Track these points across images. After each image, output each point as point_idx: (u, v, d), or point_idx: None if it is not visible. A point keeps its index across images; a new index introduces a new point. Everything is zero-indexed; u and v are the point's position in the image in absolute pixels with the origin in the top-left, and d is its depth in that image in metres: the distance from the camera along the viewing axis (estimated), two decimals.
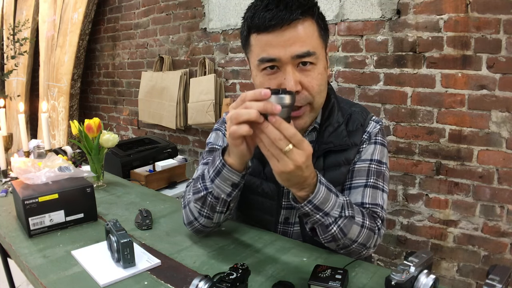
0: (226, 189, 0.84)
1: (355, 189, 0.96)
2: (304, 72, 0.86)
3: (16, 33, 3.57)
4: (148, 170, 2.30)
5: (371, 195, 0.95)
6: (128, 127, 3.51)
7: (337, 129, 0.96)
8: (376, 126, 1.00)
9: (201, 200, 0.88)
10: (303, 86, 0.86)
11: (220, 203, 0.87)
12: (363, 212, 0.89)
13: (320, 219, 0.82)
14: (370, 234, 0.88)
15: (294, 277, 0.81)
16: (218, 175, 0.83)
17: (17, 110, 3.18)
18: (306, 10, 0.83)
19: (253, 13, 0.85)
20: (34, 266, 0.87)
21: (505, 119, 1.65)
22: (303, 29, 0.83)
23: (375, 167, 0.97)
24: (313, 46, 0.85)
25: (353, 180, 0.97)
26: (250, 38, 0.88)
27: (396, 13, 1.85)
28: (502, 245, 1.73)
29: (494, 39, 1.62)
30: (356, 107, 1.03)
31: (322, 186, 0.80)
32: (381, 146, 1.00)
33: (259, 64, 0.87)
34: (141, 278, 0.82)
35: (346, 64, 2.05)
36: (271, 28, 0.82)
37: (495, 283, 0.62)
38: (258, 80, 0.90)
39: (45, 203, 1.02)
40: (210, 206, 0.88)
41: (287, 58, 0.83)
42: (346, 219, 0.83)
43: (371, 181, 0.96)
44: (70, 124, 1.46)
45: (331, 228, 0.83)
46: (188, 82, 2.80)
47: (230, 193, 0.85)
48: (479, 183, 1.75)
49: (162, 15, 2.97)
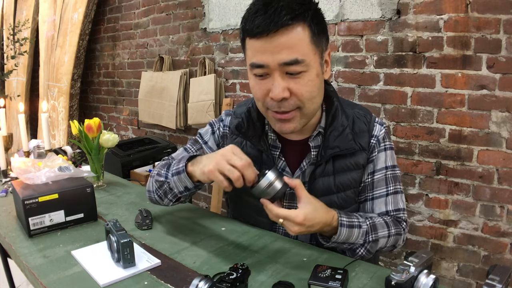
0: (179, 187, 0.93)
1: (378, 199, 1.01)
2: (293, 79, 0.84)
3: (16, 33, 3.57)
4: (148, 170, 2.31)
5: (393, 201, 1.01)
6: (128, 127, 3.51)
7: (342, 133, 0.96)
8: (381, 129, 1.01)
9: (159, 183, 0.99)
10: (292, 93, 0.85)
11: (172, 194, 0.97)
12: (387, 223, 0.96)
13: (347, 247, 0.92)
14: (397, 237, 0.98)
15: (294, 277, 0.81)
16: (177, 175, 0.92)
17: (17, 110, 3.18)
18: (296, 15, 0.81)
19: (247, 17, 0.85)
20: (34, 266, 0.87)
21: (505, 119, 1.65)
22: (292, 35, 0.81)
23: (391, 173, 1.01)
24: (302, 53, 0.82)
25: (374, 191, 1.01)
26: (245, 42, 0.88)
27: (396, 13, 1.85)
28: (502, 245, 1.73)
29: (494, 39, 1.62)
30: (359, 109, 1.03)
31: (344, 228, 0.88)
32: (391, 150, 1.02)
33: (251, 68, 0.88)
34: (141, 278, 0.82)
35: (346, 64, 2.05)
36: (259, 35, 0.82)
37: (495, 283, 0.62)
38: (251, 83, 0.92)
39: (45, 203, 1.02)
40: (164, 192, 0.98)
41: (274, 65, 0.83)
42: (371, 243, 0.93)
43: (391, 189, 1.01)
44: (70, 124, 1.46)
45: (358, 251, 0.93)
46: (188, 82, 2.80)
47: (181, 191, 0.94)
48: (479, 183, 1.75)
49: (162, 15, 2.97)
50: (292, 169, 1.00)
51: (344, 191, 0.98)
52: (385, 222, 0.96)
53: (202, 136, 1.12)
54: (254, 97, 0.94)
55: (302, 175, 0.99)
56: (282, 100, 0.85)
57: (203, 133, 1.13)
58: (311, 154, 0.97)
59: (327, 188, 0.97)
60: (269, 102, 0.88)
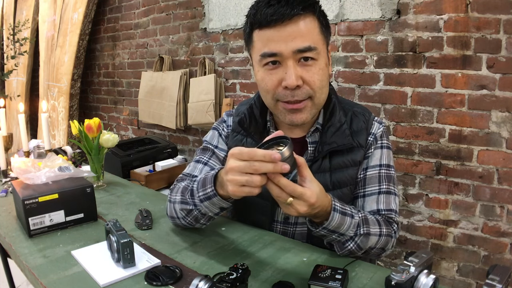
0: (214, 210, 0.88)
1: (369, 196, 0.98)
2: (305, 67, 0.87)
3: (16, 33, 3.57)
4: (148, 170, 2.31)
5: (385, 201, 0.97)
6: (128, 127, 3.51)
7: (339, 129, 0.97)
8: (380, 127, 1.01)
9: (187, 211, 0.93)
10: (304, 81, 0.87)
11: (205, 218, 0.92)
12: (379, 221, 0.92)
13: (336, 238, 0.86)
14: (388, 239, 0.92)
15: (294, 277, 0.81)
16: (208, 200, 0.86)
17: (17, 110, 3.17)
18: (307, 6, 0.84)
19: (256, 10, 0.87)
20: (34, 266, 0.87)
21: (505, 119, 1.65)
22: (304, 24, 0.85)
23: (385, 172, 0.99)
24: (314, 41, 0.86)
25: (366, 188, 0.99)
26: (253, 35, 0.90)
27: (396, 13, 1.85)
28: (502, 245, 1.73)
29: (494, 39, 1.62)
30: (358, 107, 1.04)
31: (336, 213, 0.82)
32: (387, 149, 1.01)
33: (261, 59, 0.89)
34: (141, 278, 0.82)
35: (346, 64, 2.05)
36: (272, 23, 0.84)
37: (495, 283, 0.62)
38: (260, 76, 0.91)
39: (45, 203, 1.01)
40: (195, 218, 0.93)
41: (288, 52, 0.85)
42: (362, 236, 0.87)
43: (384, 187, 0.98)
44: (70, 124, 1.46)
45: (348, 245, 0.87)
46: (188, 82, 2.80)
47: (217, 213, 0.90)
48: (479, 183, 1.75)
49: (162, 15, 2.97)
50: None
51: (340, 188, 0.97)
52: (377, 220, 0.92)
53: (210, 142, 1.11)
54: (262, 89, 0.93)
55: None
56: (295, 88, 0.87)
57: (209, 139, 1.11)
58: (308, 151, 0.98)
59: (323, 184, 0.95)
60: (281, 92, 0.89)
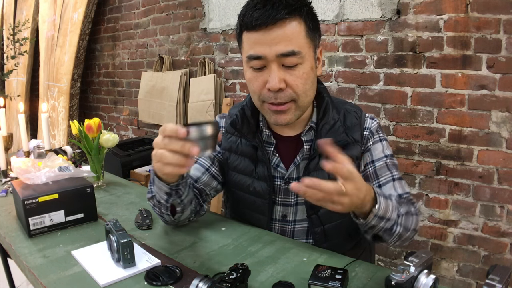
0: (162, 196, 0.89)
1: (386, 185, 0.99)
2: (289, 71, 0.88)
3: (16, 33, 3.58)
4: (148, 170, 2.31)
5: (401, 186, 1.00)
6: (128, 127, 3.51)
7: (333, 126, 0.98)
8: (373, 122, 1.03)
9: (151, 201, 0.95)
10: (288, 84, 0.88)
11: (163, 206, 0.92)
12: (407, 203, 0.94)
13: (383, 226, 0.85)
14: (418, 218, 0.95)
15: (294, 277, 0.81)
16: (154, 183, 0.88)
17: (17, 110, 3.18)
18: (293, 10, 0.85)
19: (245, 12, 0.88)
20: (34, 266, 0.87)
21: (505, 119, 1.65)
22: (289, 28, 0.85)
23: (390, 161, 1.01)
24: (299, 45, 0.86)
25: (380, 179, 1.00)
26: (242, 36, 0.91)
27: (396, 13, 1.85)
28: (502, 245, 1.73)
29: (494, 39, 1.62)
30: (349, 105, 1.05)
31: (380, 197, 0.82)
32: (386, 141, 1.04)
33: (248, 61, 0.90)
34: (141, 278, 0.82)
35: (346, 64, 2.05)
36: (257, 27, 0.85)
37: (495, 283, 0.62)
38: (247, 77, 0.94)
39: (45, 203, 1.01)
40: (158, 208, 0.95)
41: (272, 56, 0.86)
42: (404, 216, 0.88)
43: (396, 174, 1.00)
44: (70, 124, 1.46)
45: (395, 229, 0.87)
46: (188, 82, 2.80)
47: (166, 199, 0.90)
48: (479, 183, 1.75)
49: (162, 15, 2.97)
50: (286, 164, 1.01)
51: None
52: (404, 202, 0.94)
53: None
54: (250, 90, 0.96)
55: (296, 170, 1.00)
56: (278, 91, 0.88)
57: None
58: (304, 149, 0.99)
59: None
60: (265, 94, 0.90)
